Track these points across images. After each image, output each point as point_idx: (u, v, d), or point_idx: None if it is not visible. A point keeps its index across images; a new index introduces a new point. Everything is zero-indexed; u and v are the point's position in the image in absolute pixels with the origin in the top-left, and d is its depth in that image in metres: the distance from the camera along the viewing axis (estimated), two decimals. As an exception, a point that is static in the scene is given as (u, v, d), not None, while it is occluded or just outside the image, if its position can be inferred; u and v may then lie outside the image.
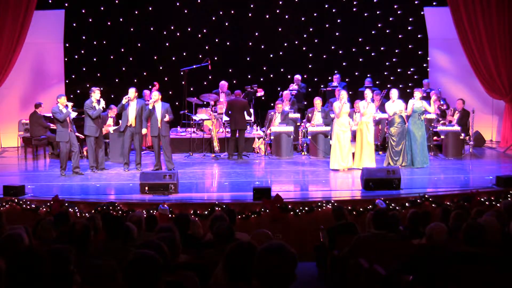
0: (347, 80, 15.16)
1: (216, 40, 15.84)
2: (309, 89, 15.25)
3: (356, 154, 11.09)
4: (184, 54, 15.73)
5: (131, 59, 15.68)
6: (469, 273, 4.02)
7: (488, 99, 14.35)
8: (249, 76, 15.66)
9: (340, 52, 15.90)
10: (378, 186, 9.09)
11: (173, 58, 15.74)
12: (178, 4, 15.68)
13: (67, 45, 15.37)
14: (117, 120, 12.82)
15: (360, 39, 15.77)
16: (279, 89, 14.96)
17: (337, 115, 11.03)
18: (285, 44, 15.96)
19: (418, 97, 11.04)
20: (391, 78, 15.69)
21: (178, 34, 15.80)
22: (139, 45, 15.74)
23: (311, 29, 15.92)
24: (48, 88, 15.03)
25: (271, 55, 16.00)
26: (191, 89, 15.17)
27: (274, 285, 2.89)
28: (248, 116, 13.22)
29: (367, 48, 15.81)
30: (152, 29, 15.71)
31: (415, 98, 11.05)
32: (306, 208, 8.40)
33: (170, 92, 14.96)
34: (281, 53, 15.98)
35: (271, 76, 16.03)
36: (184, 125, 14.39)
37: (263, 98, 14.83)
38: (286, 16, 15.86)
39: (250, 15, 15.82)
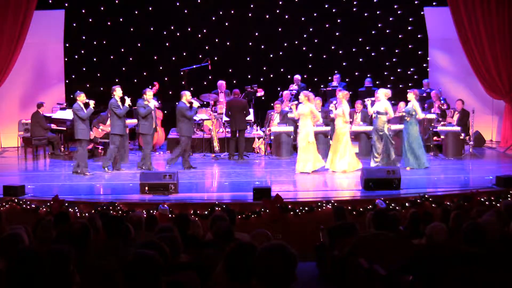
0: (347, 80, 15.16)
1: (216, 40, 15.84)
2: (309, 89, 15.21)
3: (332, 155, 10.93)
4: (184, 54, 15.73)
5: (131, 59, 15.68)
6: (469, 273, 4.02)
7: (488, 99, 14.34)
8: (249, 76, 15.65)
9: (340, 52, 15.89)
10: (378, 186, 9.08)
11: (173, 58, 15.74)
12: (178, 4, 15.68)
13: (67, 45, 15.37)
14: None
15: (360, 39, 15.76)
16: (279, 89, 14.96)
17: (295, 117, 10.88)
18: (285, 44, 15.96)
19: (410, 98, 10.91)
20: (391, 78, 15.68)
21: (178, 34, 15.80)
22: (139, 45, 15.73)
23: (311, 29, 15.92)
24: (48, 88, 15.04)
25: (271, 55, 16.00)
26: (191, 89, 15.13)
27: (275, 285, 2.89)
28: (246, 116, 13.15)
29: (367, 48, 15.81)
30: (152, 29, 15.71)
31: (409, 99, 10.95)
32: (306, 208, 8.40)
33: (170, 92, 14.97)
34: (281, 53, 15.98)
35: (271, 76, 16.02)
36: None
37: (263, 98, 14.82)
38: (286, 16, 15.85)
39: (250, 15, 15.82)
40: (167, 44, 15.82)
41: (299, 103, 10.96)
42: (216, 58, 15.05)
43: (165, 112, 14.49)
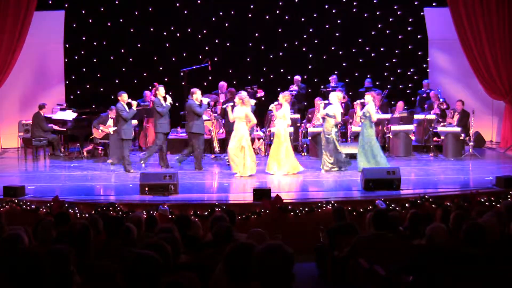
0: (346, 80, 15.15)
1: (216, 41, 15.84)
2: (309, 90, 15.25)
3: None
4: (184, 54, 15.72)
5: (131, 59, 15.68)
6: (469, 274, 4.02)
7: (488, 100, 14.34)
8: (249, 77, 15.64)
9: (340, 52, 15.89)
10: (378, 187, 9.08)
11: (173, 59, 15.73)
12: (178, 4, 15.69)
13: (67, 45, 15.36)
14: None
15: (360, 40, 15.76)
16: (279, 89, 14.93)
17: (230, 120, 10.83)
18: (285, 45, 15.96)
19: (367, 100, 10.71)
20: (391, 78, 15.69)
21: (178, 34, 15.80)
22: (139, 45, 15.73)
23: (311, 30, 15.92)
24: (48, 88, 15.03)
25: (271, 56, 16.00)
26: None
27: (274, 285, 2.89)
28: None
29: (367, 48, 15.80)
30: (152, 29, 15.71)
31: (367, 101, 10.76)
32: (306, 209, 8.40)
33: (170, 93, 14.90)
34: (281, 53, 15.99)
35: (271, 76, 16.02)
36: (184, 125, 14.36)
37: (263, 98, 14.81)
38: (286, 17, 15.86)
39: (250, 15, 15.82)
40: (167, 44, 15.82)
41: (235, 105, 10.86)
42: (216, 59, 15.04)
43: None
